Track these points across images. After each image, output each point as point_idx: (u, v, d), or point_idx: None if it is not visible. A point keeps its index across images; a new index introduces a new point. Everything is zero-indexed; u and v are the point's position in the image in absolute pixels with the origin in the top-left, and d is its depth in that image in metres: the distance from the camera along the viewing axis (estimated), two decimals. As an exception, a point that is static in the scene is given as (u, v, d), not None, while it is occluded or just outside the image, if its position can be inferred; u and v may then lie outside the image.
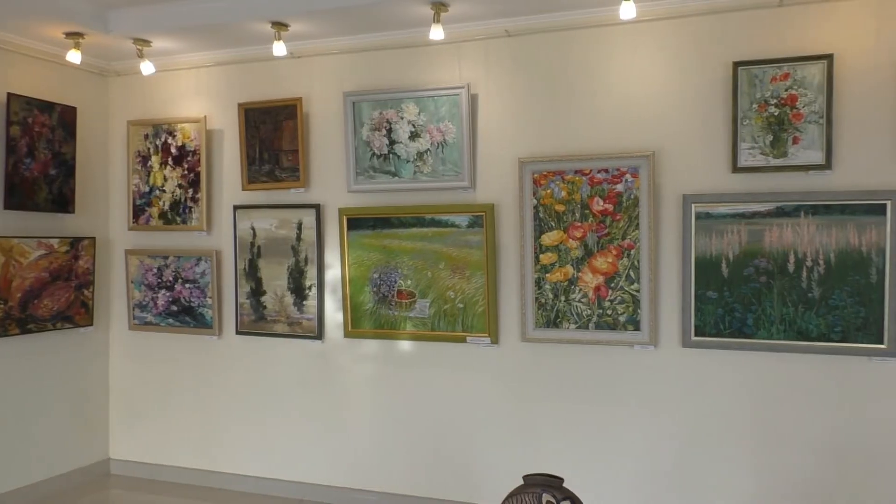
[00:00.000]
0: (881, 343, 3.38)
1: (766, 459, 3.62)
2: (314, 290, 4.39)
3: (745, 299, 3.56)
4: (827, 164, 3.41)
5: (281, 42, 4.00)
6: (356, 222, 4.25)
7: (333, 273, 4.37)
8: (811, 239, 3.45)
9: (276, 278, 4.48)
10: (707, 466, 3.72)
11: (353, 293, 4.28)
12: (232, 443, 4.69)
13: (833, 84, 3.39)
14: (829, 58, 3.39)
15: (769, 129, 3.48)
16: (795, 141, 3.45)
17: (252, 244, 4.53)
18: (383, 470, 4.33)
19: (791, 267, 3.48)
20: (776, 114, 3.47)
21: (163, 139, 4.69)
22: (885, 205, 3.34)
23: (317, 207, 4.35)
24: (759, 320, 3.54)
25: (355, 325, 4.30)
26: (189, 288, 4.68)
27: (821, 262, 3.44)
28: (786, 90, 3.46)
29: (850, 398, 3.48)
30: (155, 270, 4.75)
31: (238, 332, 4.61)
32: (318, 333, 4.41)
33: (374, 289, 4.24)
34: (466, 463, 4.15)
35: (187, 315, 4.70)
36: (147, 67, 4.36)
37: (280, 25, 3.95)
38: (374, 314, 4.25)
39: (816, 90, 3.41)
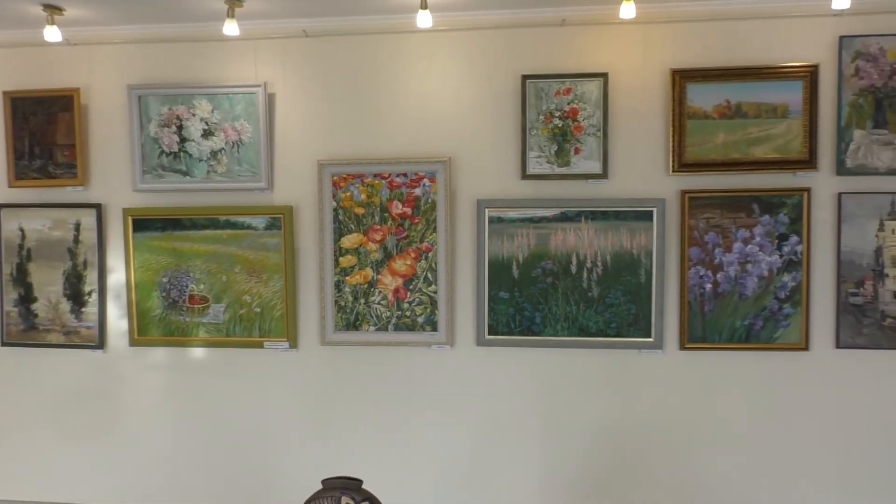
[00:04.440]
0: (649, 337, 3.74)
1: (553, 449, 3.87)
2: (94, 295, 4.07)
3: (534, 299, 3.78)
4: (604, 174, 3.71)
5: (55, 27, 3.66)
6: (143, 223, 4.00)
7: (117, 277, 4.08)
8: (591, 242, 3.74)
9: (49, 284, 4.11)
10: (500, 458, 3.90)
11: (139, 299, 4.03)
12: (-3, 467, 4.23)
13: (608, 100, 3.70)
14: (604, 75, 3.69)
15: (554, 139, 3.73)
16: (577, 151, 3.72)
17: (21, 247, 4.11)
18: (176, 484, 4.11)
19: (574, 268, 3.76)
20: (560, 125, 3.72)
21: None
22: (651, 211, 3.70)
23: (98, 207, 4.04)
24: (546, 318, 3.78)
25: (142, 333, 4.05)
26: (-57, 296, 4.16)
27: (599, 263, 3.74)
28: (568, 104, 3.72)
29: (625, 387, 3.81)
30: None
31: (4, 344, 4.16)
32: (100, 342, 4.10)
33: (164, 294, 4.02)
34: (265, 470, 4.05)
35: (-60, 327, 4.18)
36: None
37: (53, 9, 3.61)
38: (164, 320, 4.03)
39: (594, 105, 3.70)
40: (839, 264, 3.64)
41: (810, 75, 3.58)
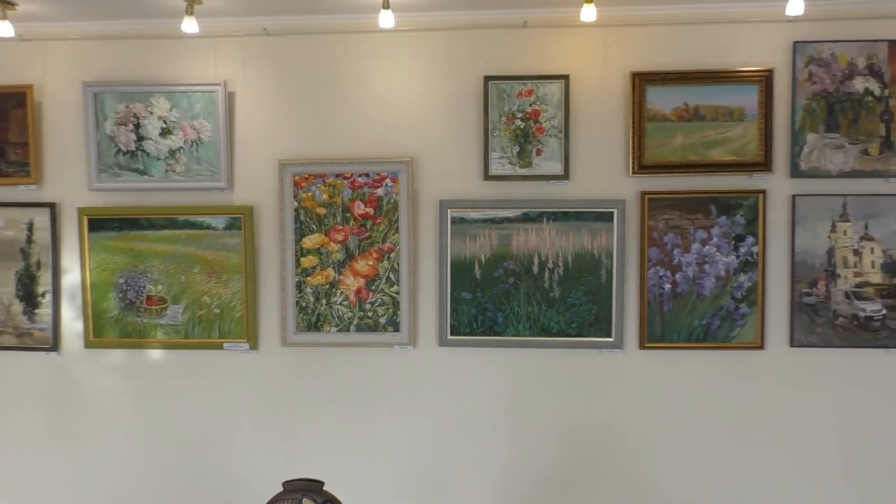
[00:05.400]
0: (609, 336, 3.78)
1: (515, 448, 3.89)
2: (48, 296, 3.99)
3: (496, 299, 3.80)
4: (565, 175, 3.74)
5: (7, 22, 3.56)
6: (99, 223, 3.92)
7: (72, 278, 3.99)
8: (552, 243, 3.77)
9: (1, 285, 4.01)
10: (462, 458, 3.91)
11: (95, 300, 3.95)
12: (-55, 474, 4.11)
13: (569, 102, 3.73)
14: (565, 77, 3.72)
15: (516, 140, 3.75)
16: (539, 153, 3.75)
17: (-29, 247, 4.02)
18: (134, 487, 4.04)
19: (535, 269, 3.78)
20: (522, 127, 3.74)
21: None
22: (612, 212, 3.74)
23: (51, 207, 3.95)
24: (508, 318, 3.80)
25: (98, 334, 3.97)
26: None
27: (560, 264, 3.77)
28: (530, 105, 3.74)
29: (585, 386, 3.85)
30: None
31: (-47, 347, 4.06)
32: (54, 344, 4.01)
33: (120, 295, 3.95)
34: (225, 473, 4.00)
35: None
36: None
37: (5, 3, 3.52)
38: (121, 322, 3.96)
39: (556, 107, 3.73)
40: (793, 265, 3.73)
41: (765, 79, 3.66)
